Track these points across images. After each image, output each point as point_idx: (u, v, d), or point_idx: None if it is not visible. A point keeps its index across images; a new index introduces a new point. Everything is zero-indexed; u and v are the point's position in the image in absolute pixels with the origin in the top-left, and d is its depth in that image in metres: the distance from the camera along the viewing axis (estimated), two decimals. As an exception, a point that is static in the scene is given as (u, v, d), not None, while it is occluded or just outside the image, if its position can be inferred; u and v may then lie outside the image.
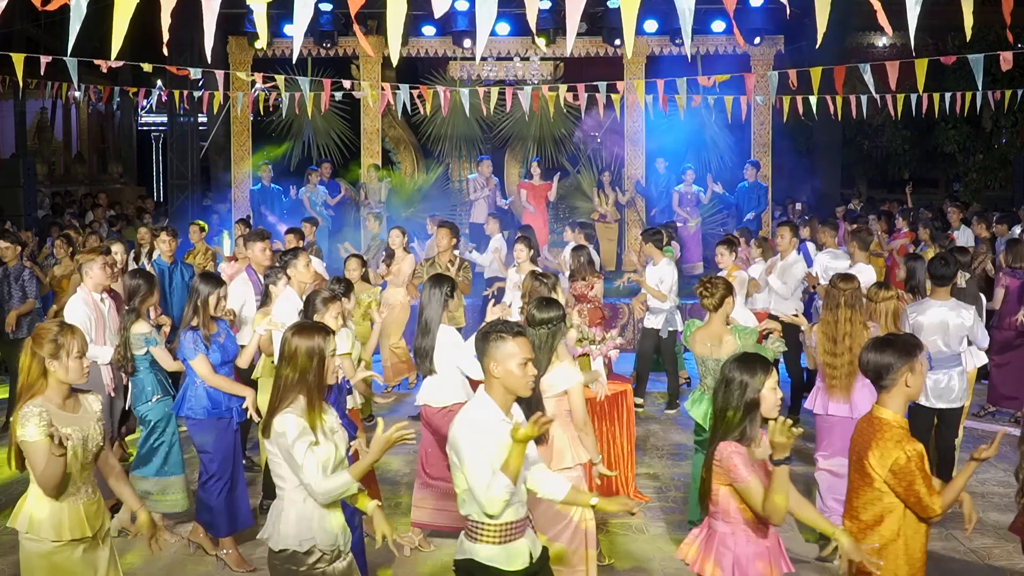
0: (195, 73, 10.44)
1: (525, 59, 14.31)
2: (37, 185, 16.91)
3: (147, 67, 10.22)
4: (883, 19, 3.83)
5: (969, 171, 18.13)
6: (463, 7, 13.07)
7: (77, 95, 15.67)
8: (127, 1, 3.60)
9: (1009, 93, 10.85)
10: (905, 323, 6.17)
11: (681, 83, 10.73)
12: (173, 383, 5.99)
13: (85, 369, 3.73)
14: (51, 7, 4.20)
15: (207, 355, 5.39)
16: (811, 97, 10.52)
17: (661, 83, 10.91)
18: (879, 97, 10.73)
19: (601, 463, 4.85)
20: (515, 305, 8.05)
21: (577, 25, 3.77)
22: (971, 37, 4.24)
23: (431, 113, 13.16)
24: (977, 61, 8.57)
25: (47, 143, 21.87)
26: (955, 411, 6.20)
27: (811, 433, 6.31)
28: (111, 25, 3.57)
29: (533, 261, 8.44)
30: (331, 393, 4.41)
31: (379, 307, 7.31)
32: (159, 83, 15.87)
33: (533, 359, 3.52)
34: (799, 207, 14.72)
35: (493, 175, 13.75)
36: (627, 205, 14.18)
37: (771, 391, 3.49)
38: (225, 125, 15.31)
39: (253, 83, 12.92)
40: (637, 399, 8.39)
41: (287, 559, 3.53)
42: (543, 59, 14.40)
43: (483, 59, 14.00)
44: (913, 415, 5.88)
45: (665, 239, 9.28)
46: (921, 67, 8.70)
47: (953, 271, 6.28)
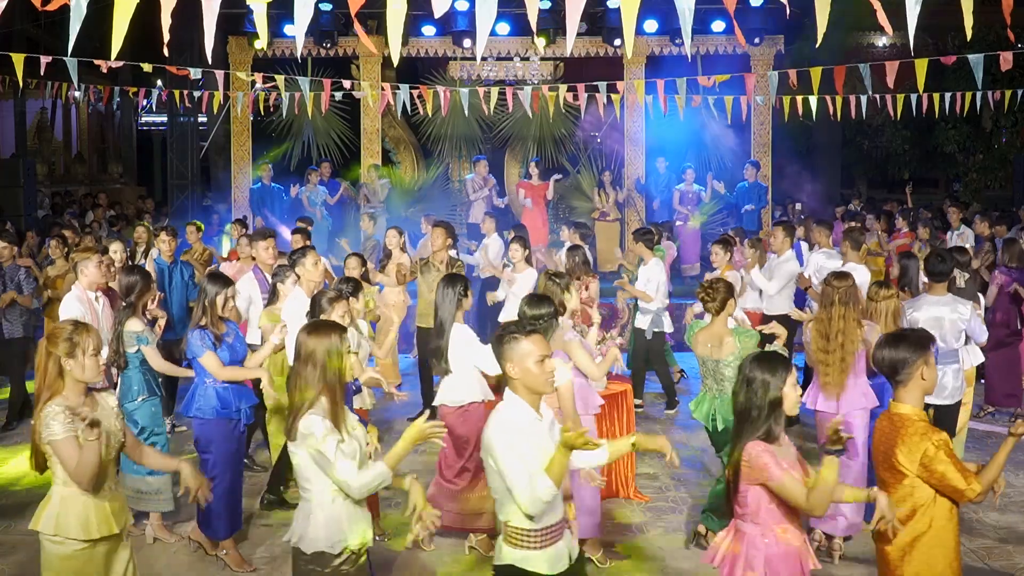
0: (195, 73, 10.43)
1: (525, 59, 14.32)
2: (37, 185, 16.92)
3: (147, 67, 10.21)
4: (883, 19, 3.83)
5: (969, 171, 18.12)
6: (463, 7, 13.08)
7: (77, 95, 15.71)
8: (127, 1, 3.60)
9: (1009, 93, 10.84)
10: (903, 321, 6.18)
11: (681, 83, 10.74)
12: (171, 388, 5.96)
13: (101, 367, 3.72)
14: (51, 7, 4.21)
15: (215, 352, 5.36)
16: (811, 97, 10.52)
17: (661, 83, 10.91)
18: (879, 97, 10.74)
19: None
20: (510, 304, 8.06)
21: (577, 25, 3.77)
22: (971, 37, 4.24)
23: (431, 113, 13.15)
24: (977, 61, 8.57)
25: (47, 143, 21.87)
26: (950, 408, 6.20)
27: (811, 433, 6.33)
28: (111, 25, 3.57)
29: (528, 261, 8.42)
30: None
31: (375, 307, 7.29)
32: (159, 83, 15.88)
33: (550, 355, 3.48)
34: (799, 207, 14.72)
35: (491, 175, 13.73)
36: (626, 204, 14.19)
37: (792, 388, 3.49)
38: (225, 125, 15.32)
39: (253, 83, 12.93)
40: (636, 399, 8.39)
41: (312, 560, 3.52)
42: (543, 59, 14.41)
43: (483, 59, 14.01)
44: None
45: (656, 239, 9.24)
46: (921, 67, 8.70)
47: (949, 267, 6.29)
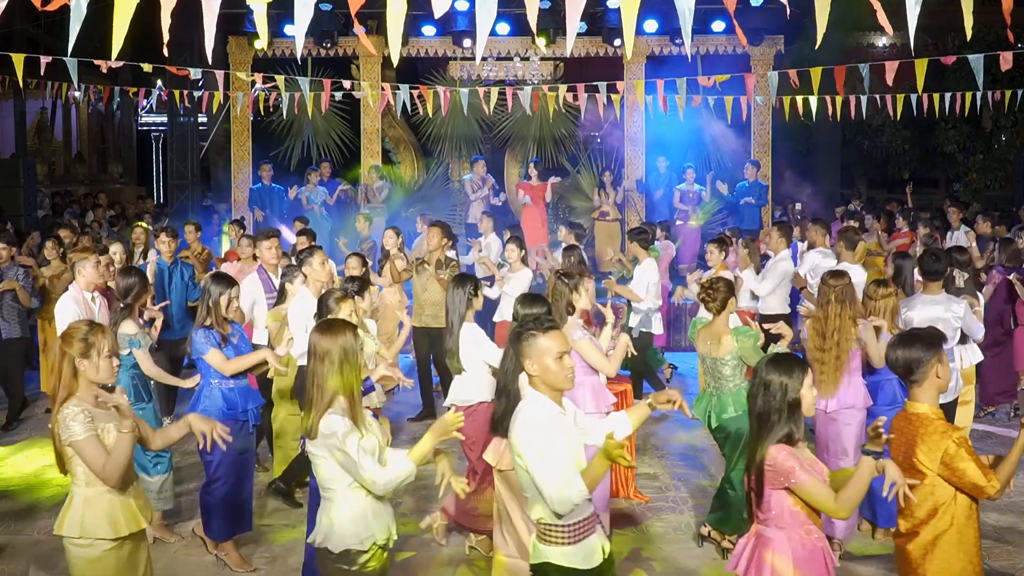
0: (195, 73, 10.43)
1: (525, 59, 14.32)
2: (37, 185, 16.91)
3: (147, 67, 10.21)
4: (883, 19, 3.83)
5: (969, 171, 18.10)
6: (463, 7, 13.08)
7: (77, 95, 15.70)
8: (127, 1, 3.60)
9: (1009, 93, 10.83)
10: (898, 320, 6.18)
11: (681, 83, 10.74)
12: (171, 389, 5.90)
13: (115, 368, 3.72)
14: (51, 7, 4.21)
15: (219, 349, 5.33)
16: (811, 97, 10.51)
17: (661, 83, 10.91)
18: (879, 97, 10.74)
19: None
20: (505, 303, 8.02)
21: (577, 25, 3.76)
22: (971, 37, 4.24)
23: (431, 113, 13.15)
24: (977, 61, 8.57)
25: (47, 143, 21.86)
26: (944, 407, 6.13)
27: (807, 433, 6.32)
28: (111, 25, 3.57)
29: (524, 261, 8.37)
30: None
31: (374, 308, 7.28)
32: (159, 83, 15.88)
33: (568, 351, 3.46)
34: (799, 207, 14.71)
35: (489, 175, 13.71)
36: (625, 204, 14.18)
37: (809, 390, 3.48)
38: (225, 125, 15.33)
39: (253, 83, 12.93)
40: (636, 399, 8.38)
41: (341, 558, 3.53)
42: (543, 59, 14.41)
43: (483, 59, 14.01)
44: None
45: (652, 237, 9.20)
46: (921, 67, 8.70)
47: (943, 266, 6.28)
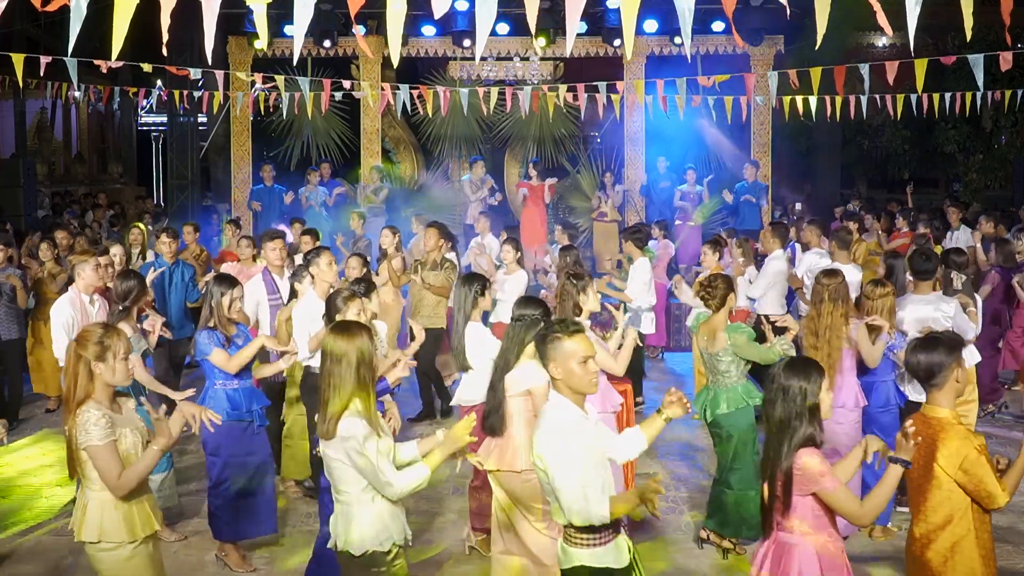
0: (195, 73, 10.43)
1: (525, 59, 14.32)
2: (37, 185, 16.91)
3: (147, 67, 10.20)
4: (883, 19, 3.83)
5: (969, 171, 18.09)
6: (463, 7, 13.07)
7: (77, 95, 15.68)
8: (127, 1, 3.59)
9: (1009, 93, 10.83)
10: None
11: (681, 83, 10.74)
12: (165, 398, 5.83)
13: (131, 370, 3.71)
14: (51, 7, 4.21)
15: (223, 349, 5.31)
16: (811, 97, 10.51)
17: (661, 83, 10.91)
18: (879, 97, 10.74)
19: None
20: (501, 305, 7.99)
21: (577, 25, 3.76)
22: (971, 37, 4.23)
23: (431, 113, 13.14)
24: (977, 61, 8.56)
25: (47, 143, 21.85)
26: None
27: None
28: (111, 25, 3.56)
29: (520, 263, 8.31)
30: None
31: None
32: (159, 83, 15.88)
33: (593, 356, 3.42)
34: (799, 207, 14.71)
35: (488, 175, 13.70)
36: (625, 204, 14.18)
37: (826, 393, 3.49)
38: (225, 125, 15.32)
39: (253, 83, 12.92)
40: (637, 398, 8.39)
41: (367, 562, 3.53)
42: (543, 59, 14.41)
43: (483, 59, 14.01)
44: (905, 412, 5.90)
45: (647, 236, 9.18)
46: (921, 67, 8.70)
47: (934, 266, 6.27)
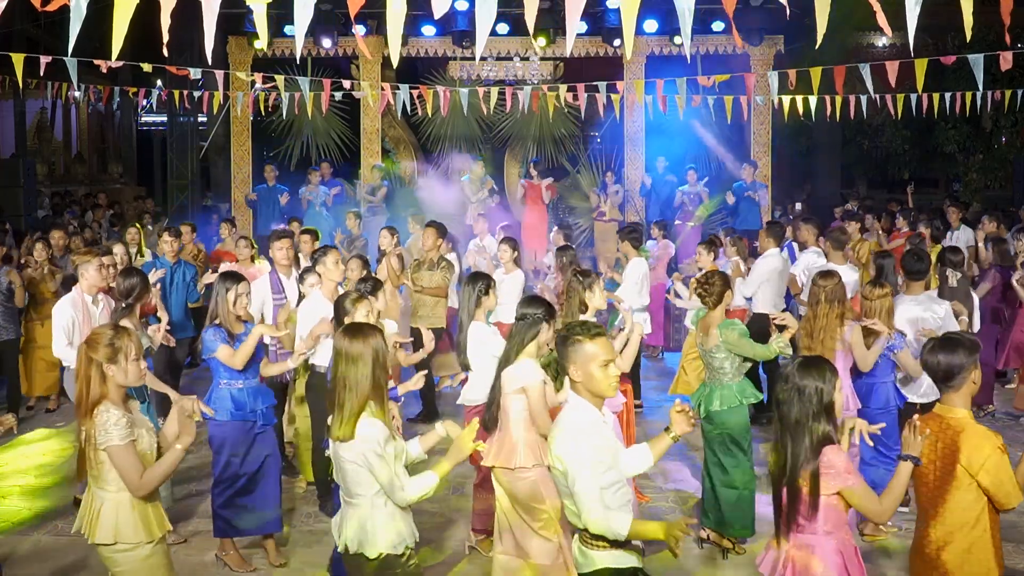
0: (195, 73, 10.43)
1: (525, 59, 14.32)
2: (37, 185, 16.91)
3: (147, 67, 10.21)
4: (883, 19, 3.83)
5: (969, 171, 18.10)
6: (463, 7, 13.08)
7: (77, 95, 15.69)
8: (127, 1, 3.59)
9: (1009, 93, 10.83)
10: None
11: (681, 83, 10.74)
12: (166, 398, 5.81)
13: (143, 371, 3.70)
14: (51, 7, 4.20)
15: (228, 345, 5.29)
16: (811, 97, 10.51)
17: (661, 83, 10.91)
18: (879, 97, 10.73)
19: None
20: (500, 304, 7.98)
21: (577, 25, 3.76)
22: (971, 37, 4.23)
23: (431, 113, 13.15)
24: (977, 61, 8.56)
25: (47, 143, 21.85)
26: (927, 406, 6.06)
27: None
28: (111, 25, 3.56)
29: (517, 263, 8.29)
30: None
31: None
32: (159, 83, 15.88)
33: (614, 359, 3.40)
34: (799, 207, 14.72)
35: (488, 176, 13.69)
36: (625, 204, 14.18)
37: (839, 393, 3.49)
38: (225, 125, 15.32)
39: (253, 83, 12.93)
40: (636, 399, 8.38)
41: (382, 565, 3.53)
42: (543, 59, 14.41)
43: (483, 59, 14.01)
44: (904, 413, 5.89)
45: (643, 236, 9.19)
46: (921, 67, 8.70)
47: (926, 266, 6.27)
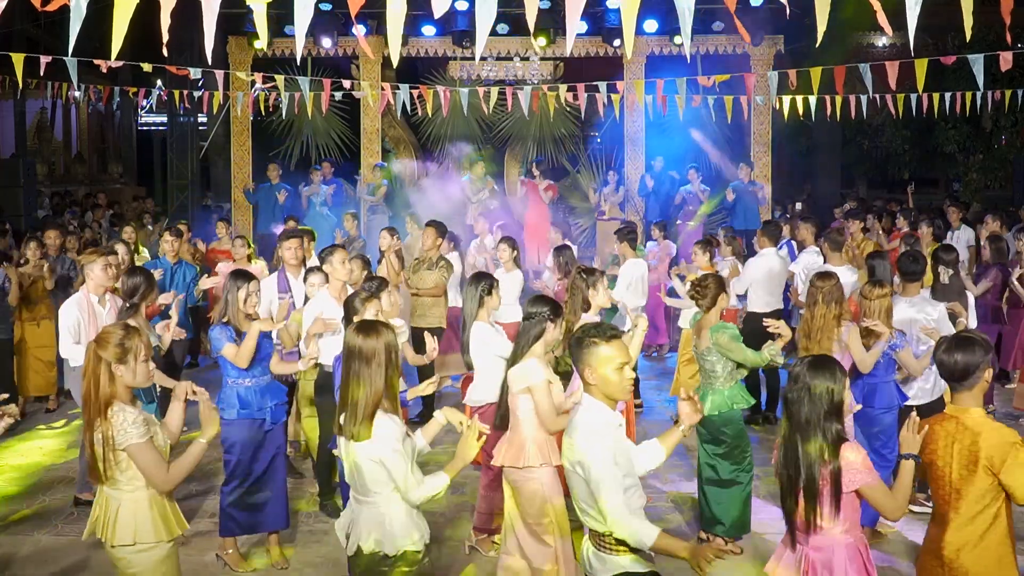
0: (195, 73, 10.43)
1: (525, 59, 14.32)
2: (37, 185, 16.92)
3: (147, 67, 10.21)
4: (883, 19, 3.83)
5: (969, 171, 18.09)
6: (463, 7, 13.08)
7: (77, 95, 15.70)
8: (127, 1, 3.59)
9: (1009, 93, 10.84)
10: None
11: (681, 83, 10.74)
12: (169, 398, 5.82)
13: (151, 372, 3.69)
14: (51, 7, 4.21)
15: (234, 344, 5.27)
16: (811, 97, 10.51)
17: (661, 83, 10.91)
18: (879, 97, 10.74)
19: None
20: (503, 304, 7.98)
21: (577, 25, 3.76)
22: (971, 37, 4.23)
23: (431, 113, 13.16)
24: (977, 61, 8.56)
25: (47, 143, 21.86)
26: (922, 407, 5.98)
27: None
28: (111, 25, 3.56)
29: (516, 262, 8.29)
30: None
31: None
32: (159, 83, 15.89)
33: (628, 362, 3.37)
34: (799, 207, 14.72)
35: (488, 176, 13.68)
36: (625, 204, 14.19)
37: (848, 391, 3.49)
38: (225, 125, 15.33)
39: (253, 83, 12.93)
40: (636, 399, 8.39)
41: (404, 562, 3.52)
42: (543, 59, 14.42)
43: (483, 59, 14.01)
44: (904, 412, 5.88)
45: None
46: (921, 67, 8.70)
47: (921, 267, 6.25)
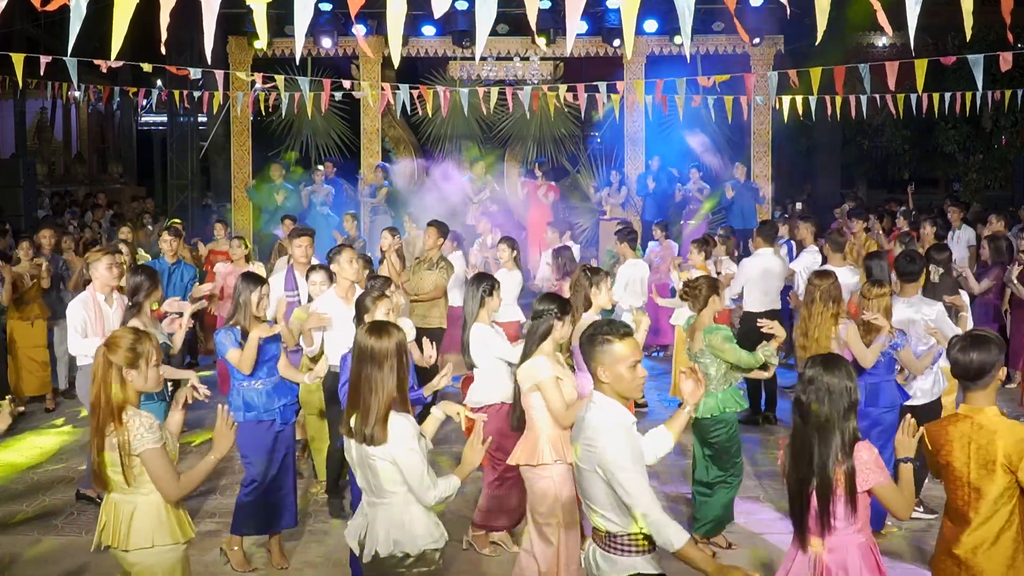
0: (195, 73, 10.43)
1: (525, 59, 14.32)
2: (37, 185, 16.91)
3: (147, 67, 10.22)
4: (883, 19, 3.83)
5: (969, 171, 18.10)
6: (463, 7, 13.07)
7: (77, 95, 15.71)
8: (127, 1, 3.59)
9: (1009, 93, 10.84)
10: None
11: (681, 83, 10.74)
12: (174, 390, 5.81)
13: (161, 377, 3.68)
14: (51, 7, 4.20)
15: (239, 348, 5.24)
16: (811, 97, 10.52)
17: (660, 83, 10.91)
18: (879, 97, 10.74)
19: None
20: (506, 304, 7.98)
21: (577, 25, 3.76)
22: (971, 37, 4.24)
23: (431, 113, 13.15)
24: (977, 61, 8.56)
25: (47, 143, 21.86)
26: (920, 408, 5.94)
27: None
28: (111, 25, 3.56)
29: (516, 262, 8.26)
30: None
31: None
32: (159, 83, 15.88)
33: (641, 359, 3.35)
34: (799, 207, 14.72)
35: (489, 176, 13.68)
36: (626, 203, 14.19)
37: (858, 389, 3.50)
38: (225, 125, 15.32)
39: (253, 83, 12.93)
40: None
41: (423, 562, 3.51)
42: (543, 59, 14.41)
43: (483, 59, 14.01)
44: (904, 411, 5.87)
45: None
46: (921, 67, 8.71)
47: (919, 267, 6.23)
